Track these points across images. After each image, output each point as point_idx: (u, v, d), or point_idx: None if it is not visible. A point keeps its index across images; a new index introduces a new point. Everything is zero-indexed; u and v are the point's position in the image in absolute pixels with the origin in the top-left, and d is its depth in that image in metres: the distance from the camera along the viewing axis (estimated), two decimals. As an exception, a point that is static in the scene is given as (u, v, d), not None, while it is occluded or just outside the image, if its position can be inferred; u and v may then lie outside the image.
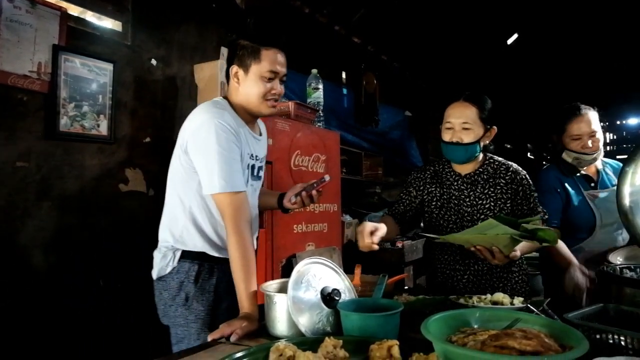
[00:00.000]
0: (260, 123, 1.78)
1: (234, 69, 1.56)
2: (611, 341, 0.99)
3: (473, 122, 1.68)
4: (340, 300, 1.22)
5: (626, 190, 1.31)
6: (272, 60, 1.53)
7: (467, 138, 1.68)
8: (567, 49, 6.83)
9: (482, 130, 1.71)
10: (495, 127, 1.76)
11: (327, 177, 1.67)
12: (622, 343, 0.97)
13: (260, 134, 1.73)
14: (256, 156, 1.65)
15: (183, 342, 1.52)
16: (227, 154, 1.44)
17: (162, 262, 1.58)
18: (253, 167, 1.63)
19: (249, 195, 1.58)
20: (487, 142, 1.77)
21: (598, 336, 1.01)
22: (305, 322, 1.16)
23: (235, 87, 1.58)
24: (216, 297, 1.56)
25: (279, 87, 1.58)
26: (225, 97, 1.63)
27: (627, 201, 1.30)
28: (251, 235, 1.49)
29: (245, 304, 1.38)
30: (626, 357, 0.88)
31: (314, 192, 1.66)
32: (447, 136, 1.72)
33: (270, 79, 1.54)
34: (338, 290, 1.24)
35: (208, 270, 1.57)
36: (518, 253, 1.50)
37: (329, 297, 1.22)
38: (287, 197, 1.73)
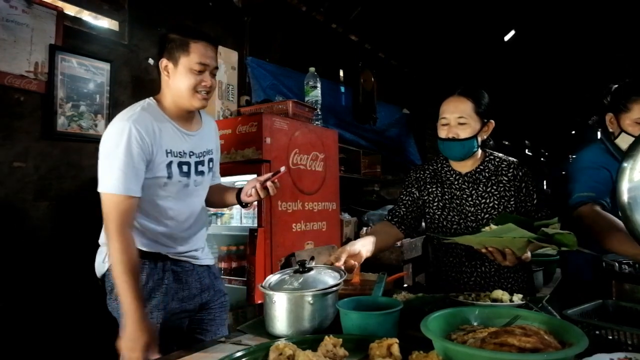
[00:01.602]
0: (204, 116, 1.77)
1: (164, 62, 1.56)
2: (610, 337, 0.99)
3: (469, 116, 1.62)
4: (312, 268, 1.34)
5: (624, 186, 1.30)
6: (201, 53, 1.53)
7: (464, 133, 1.62)
8: (565, 45, 6.83)
9: (479, 125, 1.64)
10: (492, 121, 1.71)
11: (282, 169, 1.70)
12: (622, 339, 0.97)
13: (200, 129, 1.71)
14: (183, 152, 1.61)
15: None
16: (123, 157, 1.44)
17: (99, 259, 1.62)
18: (182, 164, 1.59)
19: (176, 191, 1.57)
20: (485, 137, 1.71)
21: (597, 332, 1.01)
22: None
23: (166, 81, 1.58)
24: (144, 295, 1.53)
25: (209, 80, 1.57)
26: (156, 98, 1.63)
27: (625, 197, 1.29)
28: (133, 240, 1.47)
29: (132, 307, 1.38)
30: (626, 353, 0.88)
31: (268, 183, 1.66)
32: (443, 133, 1.66)
33: (200, 72, 1.54)
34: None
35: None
36: (529, 254, 1.43)
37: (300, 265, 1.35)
38: (244, 191, 1.74)
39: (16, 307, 2.20)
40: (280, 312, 1.21)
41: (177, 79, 1.54)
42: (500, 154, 1.77)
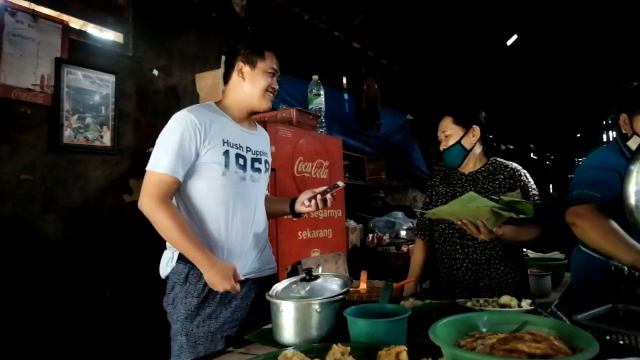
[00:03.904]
0: (260, 127, 1.90)
1: (240, 65, 1.70)
2: (621, 342, 0.98)
3: (449, 128, 1.93)
4: (317, 277, 1.35)
5: (631, 189, 1.30)
6: (272, 59, 1.73)
7: (449, 142, 1.93)
8: (566, 47, 6.82)
9: (460, 132, 1.92)
10: (475, 126, 1.91)
11: (340, 183, 1.78)
12: (633, 344, 0.96)
13: (256, 131, 1.84)
14: (240, 145, 1.69)
15: (172, 341, 1.59)
16: (171, 139, 1.54)
17: (163, 261, 1.65)
18: (239, 156, 1.67)
19: (234, 182, 1.64)
20: (474, 141, 1.92)
21: (608, 337, 1.00)
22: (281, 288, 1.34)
23: (238, 82, 1.71)
24: (199, 302, 1.56)
25: (276, 84, 1.76)
26: (215, 102, 1.76)
27: (632, 200, 1.29)
28: (177, 209, 1.56)
29: (199, 258, 1.49)
30: (637, 358, 0.87)
31: (328, 195, 1.73)
32: (440, 148, 1.99)
33: (272, 75, 1.72)
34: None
35: (197, 274, 1.57)
36: (501, 231, 1.57)
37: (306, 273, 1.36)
38: (299, 201, 1.78)
39: (25, 317, 2.20)
40: (288, 321, 1.21)
41: (254, 79, 1.70)
42: (502, 160, 1.99)
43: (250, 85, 1.70)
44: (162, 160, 1.52)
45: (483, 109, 2.01)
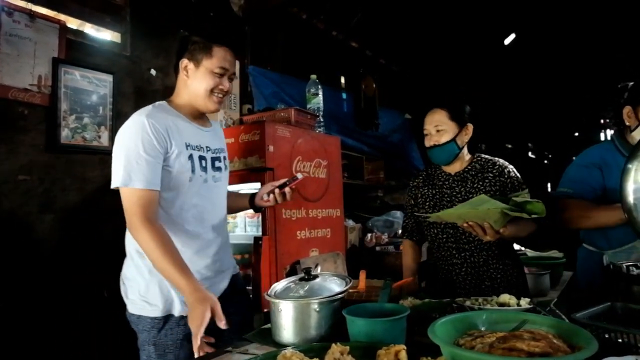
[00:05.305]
0: (212, 121, 1.79)
1: (184, 62, 1.58)
2: (620, 340, 0.98)
3: (444, 123, 1.80)
4: (316, 276, 1.35)
5: (630, 187, 1.30)
6: (222, 57, 1.57)
7: (443, 139, 1.80)
8: (566, 46, 6.83)
9: (455, 129, 1.81)
10: (470, 124, 1.84)
11: (299, 176, 1.74)
12: (632, 342, 0.96)
13: (211, 127, 1.74)
14: (201, 146, 1.62)
15: (140, 351, 1.58)
16: (139, 150, 1.43)
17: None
18: (201, 158, 1.60)
19: (198, 185, 1.57)
20: (466, 139, 1.85)
21: (607, 335, 1.00)
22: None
23: (184, 81, 1.60)
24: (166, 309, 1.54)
25: (227, 84, 1.61)
26: (167, 100, 1.66)
27: (631, 198, 1.29)
28: (162, 227, 1.44)
29: (187, 289, 1.35)
30: (636, 356, 0.87)
31: (286, 189, 1.69)
32: (427, 142, 1.86)
33: (220, 75, 1.58)
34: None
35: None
36: (508, 231, 1.53)
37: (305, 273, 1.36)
38: (259, 195, 1.77)
39: (23, 318, 2.20)
40: (287, 320, 1.21)
41: (197, 79, 1.57)
42: (487, 156, 1.92)
43: (193, 84, 1.58)
44: (135, 174, 1.42)
45: (468, 104, 1.92)
